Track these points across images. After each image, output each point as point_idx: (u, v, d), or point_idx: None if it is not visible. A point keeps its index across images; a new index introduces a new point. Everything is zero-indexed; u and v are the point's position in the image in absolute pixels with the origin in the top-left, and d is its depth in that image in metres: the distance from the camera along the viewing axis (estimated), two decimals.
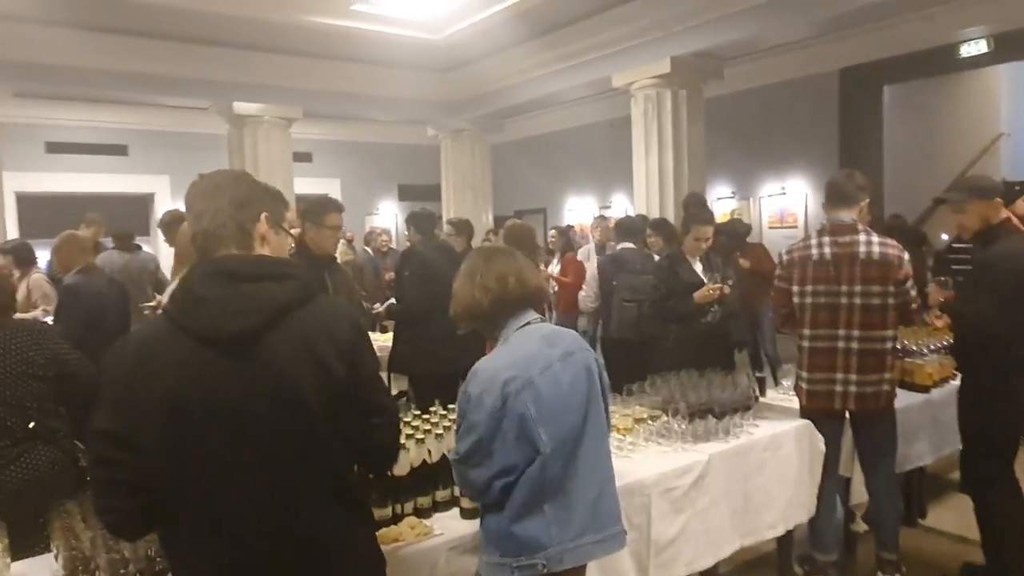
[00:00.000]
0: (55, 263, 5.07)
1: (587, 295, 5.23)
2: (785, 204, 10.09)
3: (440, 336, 3.47)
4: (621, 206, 11.71)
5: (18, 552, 2.16)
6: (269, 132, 9.63)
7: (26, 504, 2.62)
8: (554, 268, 7.34)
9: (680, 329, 3.88)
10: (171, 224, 5.35)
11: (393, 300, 4.87)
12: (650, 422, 3.08)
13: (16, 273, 5.67)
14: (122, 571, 1.87)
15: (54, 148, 11.29)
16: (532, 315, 2.13)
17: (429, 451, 2.48)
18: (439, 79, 10.17)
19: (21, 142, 10.41)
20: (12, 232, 9.59)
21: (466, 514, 2.42)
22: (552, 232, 8.62)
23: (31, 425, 2.88)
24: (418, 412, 2.69)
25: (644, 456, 2.92)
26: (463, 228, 5.50)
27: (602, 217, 8.20)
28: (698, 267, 4.05)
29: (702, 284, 3.92)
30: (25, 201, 10.88)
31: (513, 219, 6.99)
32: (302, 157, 12.43)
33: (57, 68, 8.04)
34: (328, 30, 8.21)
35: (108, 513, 1.51)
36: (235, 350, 1.48)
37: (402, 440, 2.42)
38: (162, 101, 10.43)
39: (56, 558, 2.01)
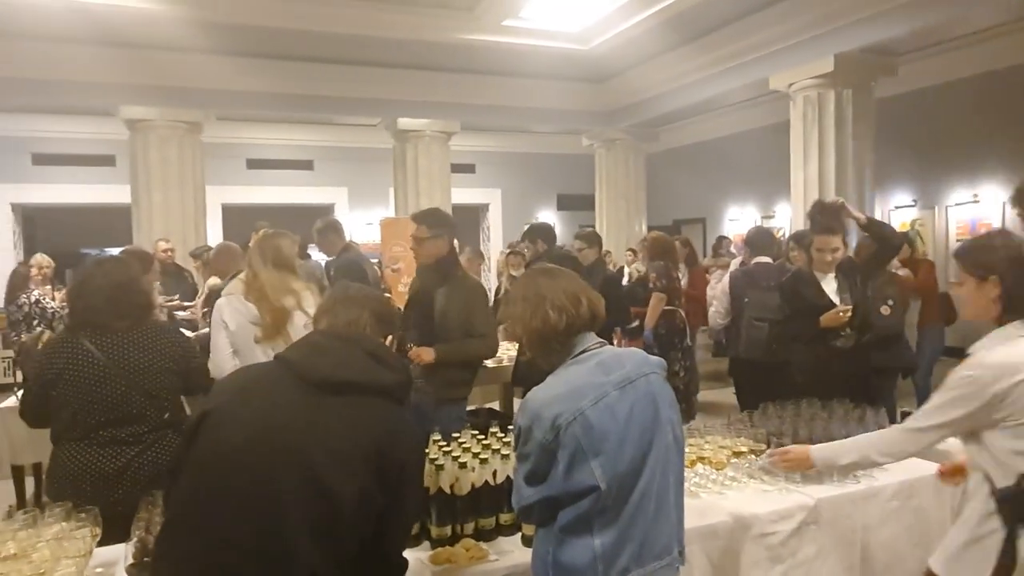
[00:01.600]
0: (211, 270, 5.48)
1: (717, 311, 4.83)
2: (977, 213, 8.84)
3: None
4: (786, 215, 10.89)
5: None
6: (430, 146, 9.98)
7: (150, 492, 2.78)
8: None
9: (806, 353, 3.43)
10: (324, 231, 5.62)
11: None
12: (753, 457, 2.74)
13: (217, 280, 6.24)
14: None
15: (253, 164, 12.46)
16: (589, 340, 1.93)
17: (495, 472, 2.35)
18: (591, 89, 10.03)
19: (226, 159, 11.59)
20: (220, 239, 10.73)
21: (527, 541, 2.26)
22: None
23: (166, 416, 3.06)
24: (476, 432, 2.56)
25: (740, 494, 2.58)
26: (592, 240, 5.30)
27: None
28: (831, 285, 3.57)
29: (830, 305, 3.45)
30: (229, 211, 12.08)
31: (655, 231, 6.67)
32: (465, 168, 12.82)
33: (253, 94, 8.87)
34: (481, 46, 8.36)
35: None
36: (323, 393, 1.66)
37: (465, 460, 2.33)
38: (341, 120, 11.18)
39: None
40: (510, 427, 2.66)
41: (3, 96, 8.33)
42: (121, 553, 2.10)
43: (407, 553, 2.23)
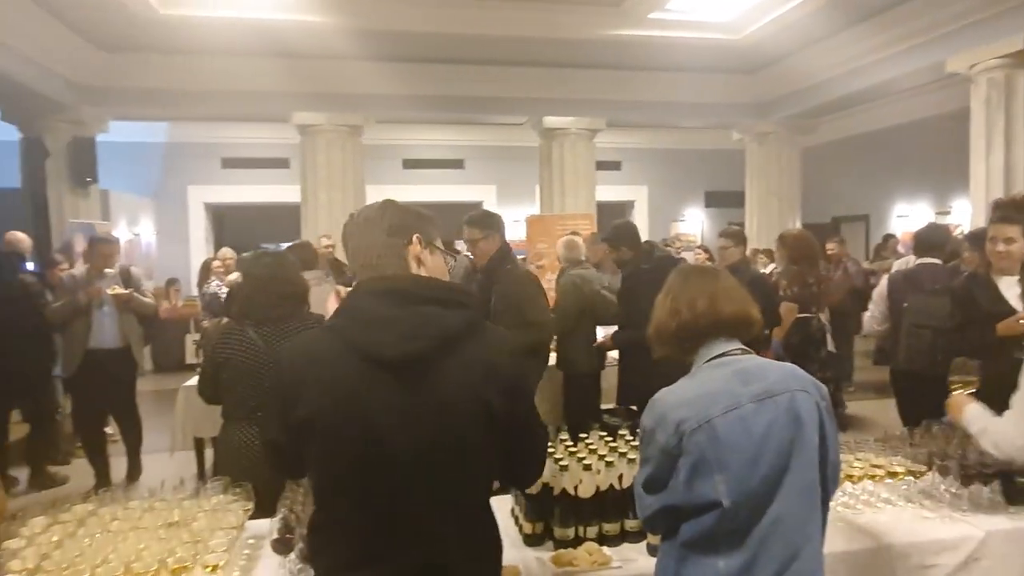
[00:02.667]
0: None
1: (872, 316, 4.39)
2: None
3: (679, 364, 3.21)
4: (964, 211, 9.80)
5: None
6: (575, 143, 9.94)
7: None
8: None
9: (982, 365, 3.02)
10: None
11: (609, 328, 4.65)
12: (912, 479, 2.46)
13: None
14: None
15: (409, 164, 13.02)
16: (729, 345, 1.79)
17: (620, 476, 2.27)
18: (743, 80, 9.54)
19: (383, 160, 12.18)
20: None
21: (653, 551, 2.16)
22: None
23: None
24: (604, 434, 2.48)
25: (896, 519, 2.33)
26: (738, 239, 5.00)
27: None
28: (1013, 290, 3.12)
29: (1009, 312, 3.01)
30: None
31: (794, 228, 6.23)
32: (610, 166, 12.66)
33: (408, 97, 9.26)
34: (627, 41, 8.18)
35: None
36: (399, 373, 1.47)
37: (590, 462, 2.27)
38: (490, 119, 11.40)
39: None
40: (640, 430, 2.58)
41: (197, 107, 9.26)
42: (268, 526, 2.24)
43: (530, 552, 2.23)
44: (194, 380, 4.93)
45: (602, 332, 4.92)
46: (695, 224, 14.06)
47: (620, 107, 9.77)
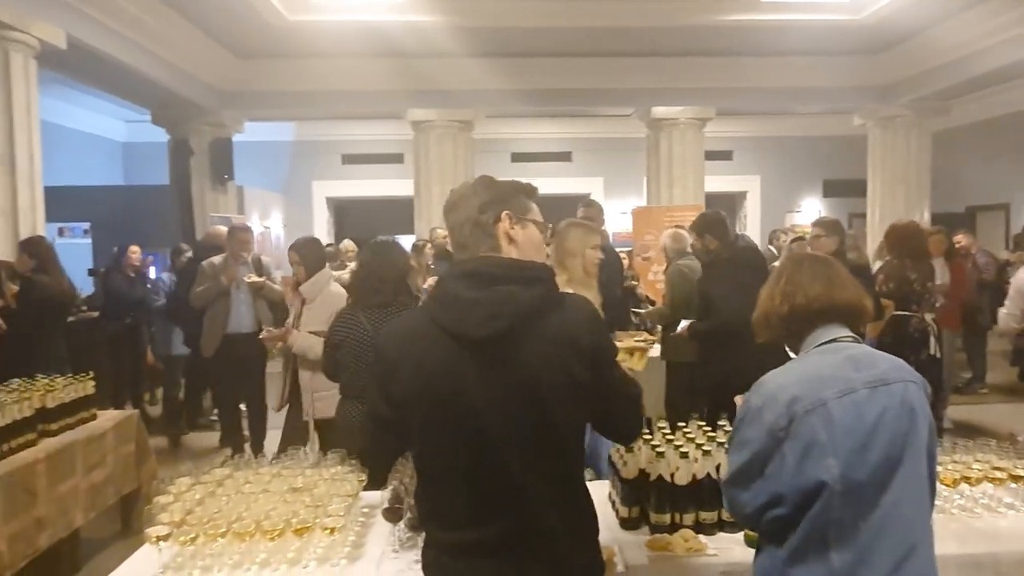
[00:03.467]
0: None
1: (1010, 313, 4.04)
2: None
3: (760, 356, 3.10)
4: None
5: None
6: (684, 133, 9.73)
7: None
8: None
9: None
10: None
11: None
12: None
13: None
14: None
15: (517, 157, 13.16)
16: (840, 331, 1.75)
17: (718, 465, 2.26)
18: (865, 62, 9.00)
19: (492, 153, 12.37)
20: None
21: (751, 542, 2.14)
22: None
23: None
24: (704, 424, 2.46)
25: (1018, 524, 2.19)
26: (831, 228, 4.72)
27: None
28: None
29: None
30: None
31: (903, 219, 5.81)
32: (721, 155, 12.29)
33: (516, 91, 9.37)
34: (739, 26, 7.92)
35: (367, 458, 1.82)
36: (485, 351, 1.54)
37: (687, 450, 2.27)
38: (597, 111, 11.35)
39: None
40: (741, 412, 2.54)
41: (320, 107, 9.79)
42: (379, 497, 2.39)
43: (625, 535, 2.27)
44: None
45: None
46: (812, 215, 13.39)
47: (731, 95, 9.47)
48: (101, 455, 3.87)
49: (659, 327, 5.31)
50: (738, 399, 2.39)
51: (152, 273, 7.68)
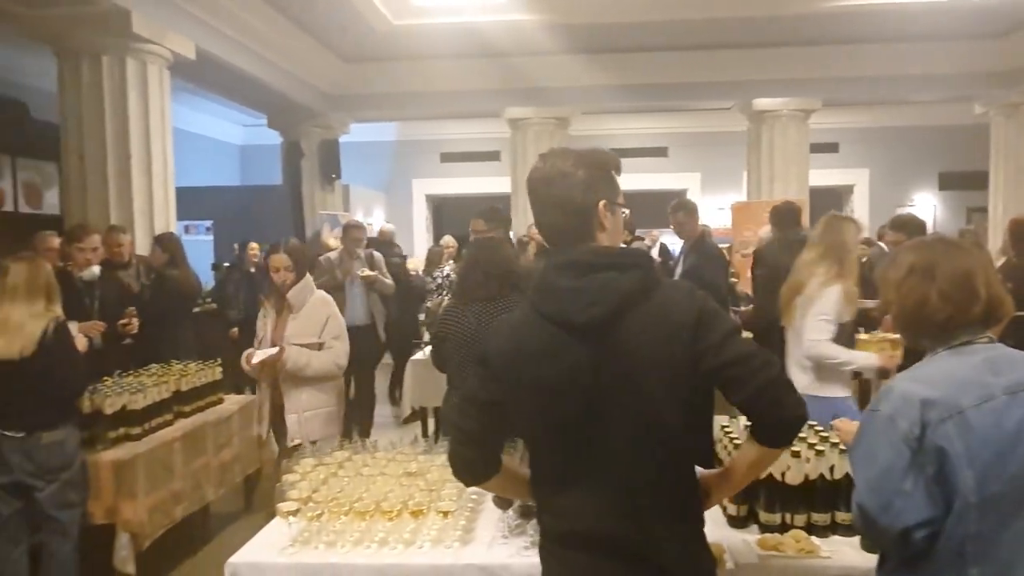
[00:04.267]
0: None
1: None
2: None
3: None
4: None
5: None
6: (787, 126, 9.38)
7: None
8: None
9: None
10: (676, 210, 5.52)
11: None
12: None
13: None
14: (529, 503, 2.17)
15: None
16: (979, 332, 1.59)
17: (832, 466, 2.19)
18: (988, 46, 8.37)
19: None
20: None
21: (867, 547, 2.07)
22: None
23: None
24: (814, 423, 2.38)
25: None
26: (908, 227, 4.33)
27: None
28: None
29: None
30: None
31: None
32: (826, 148, 11.77)
33: (612, 87, 9.33)
34: (847, 12, 7.55)
35: (453, 456, 1.70)
36: (588, 337, 1.56)
37: (799, 449, 2.21)
38: (694, 105, 11.10)
39: None
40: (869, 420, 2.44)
41: (420, 107, 10.06)
42: None
43: (733, 532, 2.24)
44: (420, 355, 5.46)
45: None
46: (926, 209, 12.60)
47: (838, 84, 9.05)
48: (228, 436, 4.16)
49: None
50: (837, 423, 2.27)
51: None
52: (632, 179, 12.50)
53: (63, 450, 3.10)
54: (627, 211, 1.69)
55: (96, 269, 4.49)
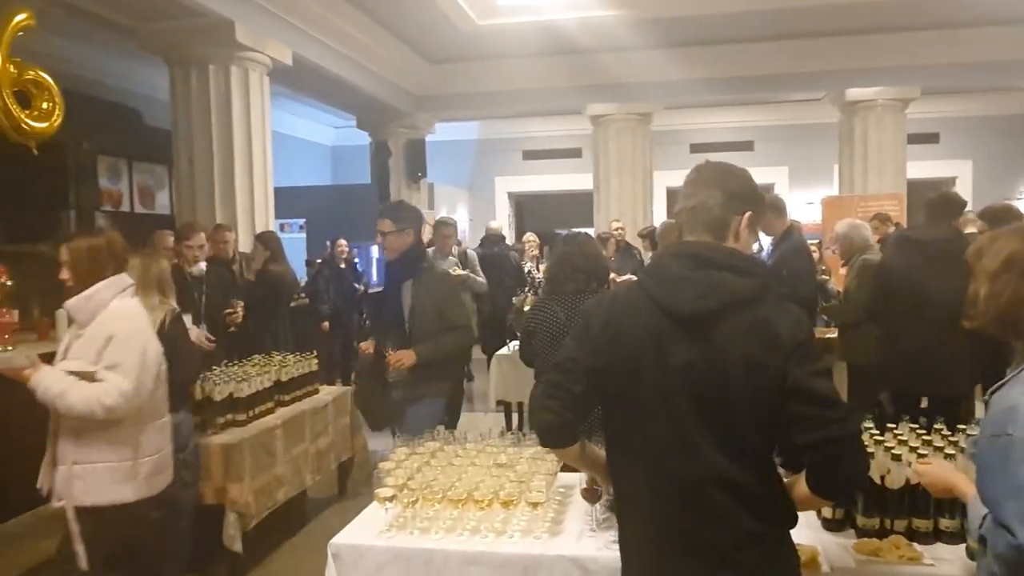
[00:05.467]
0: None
1: None
2: None
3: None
4: None
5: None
6: (882, 116, 8.95)
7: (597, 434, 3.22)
8: None
9: None
10: (764, 209, 5.49)
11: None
12: None
13: (649, 254, 6.84)
14: None
15: (696, 148, 12.76)
16: None
17: None
18: None
19: (671, 145, 12.13)
20: (660, 219, 11.44)
21: (973, 556, 1.97)
22: None
23: None
24: (916, 425, 2.28)
25: None
26: (1001, 217, 4.00)
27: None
28: None
29: None
30: (673, 194, 12.67)
31: None
32: (926, 139, 11.16)
33: (696, 81, 9.16)
34: None
35: (544, 412, 1.68)
36: (690, 327, 1.57)
37: (899, 452, 2.13)
38: (782, 97, 10.74)
39: None
40: (962, 426, 2.34)
41: (503, 106, 10.16)
42: (577, 479, 2.48)
43: (829, 536, 2.17)
44: (505, 350, 5.53)
45: None
46: None
47: (940, 72, 8.55)
48: (324, 425, 4.34)
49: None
50: (918, 467, 1.95)
51: (358, 265, 8.42)
52: None
53: (179, 433, 3.31)
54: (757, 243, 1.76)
55: (203, 265, 4.77)
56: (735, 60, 8.80)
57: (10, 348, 4.66)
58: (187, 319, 3.64)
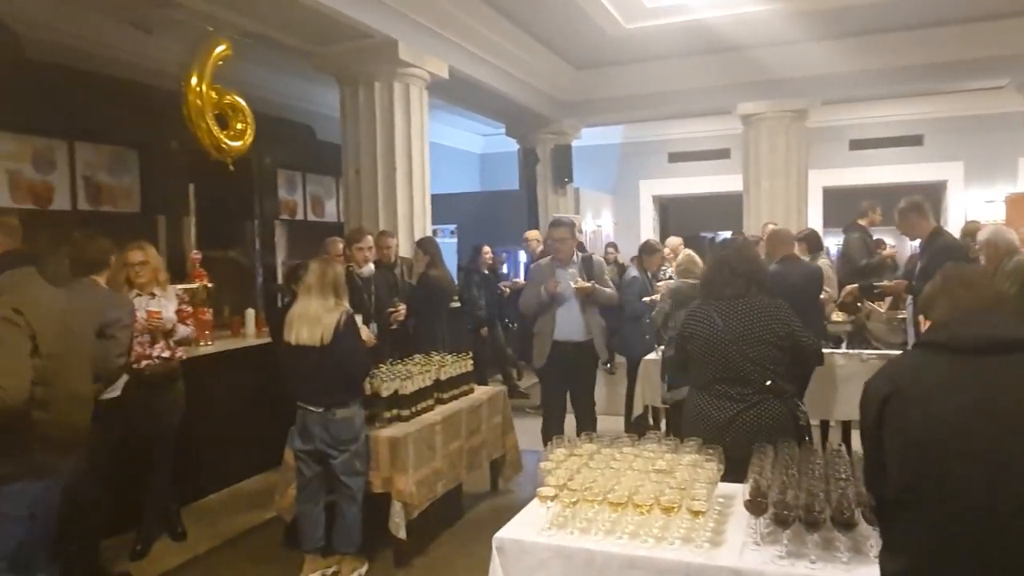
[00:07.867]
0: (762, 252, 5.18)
1: None
2: None
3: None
4: None
5: (732, 479, 2.59)
6: None
7: (750, 444, 3.08)
8: None
9: None
10: (906, 212, 4.77)
11: None
12: None
13: (805, 258, 6.37)
14: (785, 511, 2.09)
15: (856, 145, 11.92)
16: None
17: None
18: None
19: (828, 142, 11.40)
20: (819, 223, 10.79)
21: None
22: None
23: (768, 383, 3.32)
24: None
25: None
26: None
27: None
28: None
29: None
30: (829, 194, 11.90)
31: None
32: None
33: (858, 73, 8.57)
34: None
35: None
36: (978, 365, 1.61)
37: None
38: (956, 87, 9.77)
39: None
40: None
41: (649, 109, 10.00)
42: (739, 490, 2.40)
43: None
44: (651, 355, 5.44)
45: None
46: None
47: None
48: (478, 423, 4.50)
49: None
50: None
51: (505, 269, 8.62)
52: (878, 172, 11.39)
53: (352, 425, 3.57)
54: None
55: (371, 266, 5.10)
56: (901, 49, 8.11)
57: (210, 343, 5.24)
58: (358, 319, 3.91)
